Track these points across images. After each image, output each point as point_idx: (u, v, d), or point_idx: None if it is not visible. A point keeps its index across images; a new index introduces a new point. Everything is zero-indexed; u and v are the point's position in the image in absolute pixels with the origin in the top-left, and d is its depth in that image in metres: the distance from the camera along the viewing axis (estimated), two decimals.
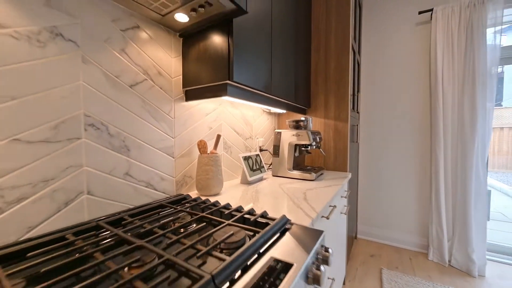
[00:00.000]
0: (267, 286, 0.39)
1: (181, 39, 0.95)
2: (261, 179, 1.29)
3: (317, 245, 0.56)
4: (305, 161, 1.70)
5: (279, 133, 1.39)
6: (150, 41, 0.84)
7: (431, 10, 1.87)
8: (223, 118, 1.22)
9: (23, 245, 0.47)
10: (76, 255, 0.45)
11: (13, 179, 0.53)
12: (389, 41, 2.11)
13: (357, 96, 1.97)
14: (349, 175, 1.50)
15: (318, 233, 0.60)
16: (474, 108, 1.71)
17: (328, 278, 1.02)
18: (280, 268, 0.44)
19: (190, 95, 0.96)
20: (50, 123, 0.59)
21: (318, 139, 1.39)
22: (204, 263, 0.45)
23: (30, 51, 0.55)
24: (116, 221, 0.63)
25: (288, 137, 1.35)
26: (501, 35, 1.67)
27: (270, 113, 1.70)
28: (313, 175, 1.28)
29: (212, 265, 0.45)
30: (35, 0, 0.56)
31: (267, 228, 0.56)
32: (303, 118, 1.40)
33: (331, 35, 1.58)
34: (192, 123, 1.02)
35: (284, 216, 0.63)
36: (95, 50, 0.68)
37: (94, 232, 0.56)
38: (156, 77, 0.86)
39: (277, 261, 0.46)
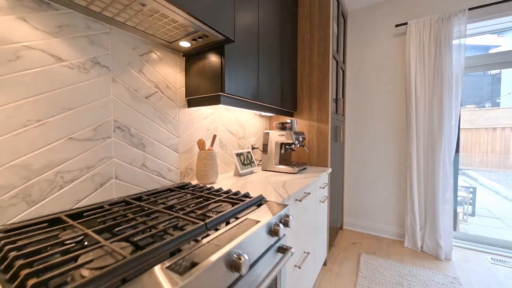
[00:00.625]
0: (243, 235, 0.62)
1: (184, 58, 1.18)
2: (251, 172, 1.52)
3: (282, 212, 0.79)
4: (292, 158, 1.93)
5: (267, 133, 1.62)
6: (160, 61, 1.07)
7: (406, 23, 2.09)
8: (219, 121, 1.45)
9: (79, 210, 0.71)
10: (119, 213, 0.69)
11: (68, 166, 0.77)
12: (370, 50, 2.34)
13: (341, 100, 2.19)
14: (329, 170, 1.73)
15: (284, 206, 0.83)
16: (441, 111, 1.93)
17: (306, 254, 1.26)
18: (251, 224, 0.67)
19: (191, 103, 1.20)
20: (92, 126, 0.82)
21: (301, 138, 1.62)
22: (200, 219, 0.69)
23: (79, 76, 0.79)
24: (137, 198, 0.87)
25: (275, 137, 1.59)
26: (465, 46, 1.89)
27: (261, 116, 1.93)
28: (296, 169, 1.51)
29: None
30: (83, 40, 0.79)
31: (246, 201, 0.79)
32: (288, 121, 1.63)
33: (314, 48, 1.81)
34: (193, 125, 1.25)
35: (260, 195, 0.87)
36: (121, 72, 0.91)
37: (123, 204, 0.80)
38: (164, 89, 1.09)
39: (249, 219, 0.69)
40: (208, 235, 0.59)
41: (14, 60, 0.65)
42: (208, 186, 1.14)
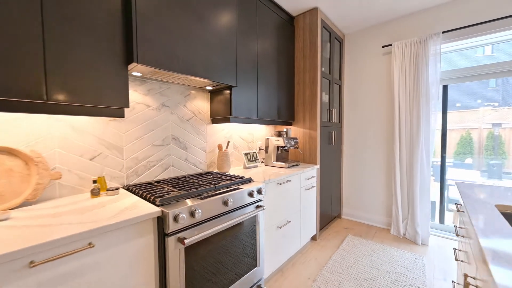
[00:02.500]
0: (232, 191, 1.29)
1: (209, 93, 1.90)
2: (255, 166, 2.17)
3: (259, 186, 1.43)
4: (290, 157, 2.52)
5: (268, 139, 2.25)
6: (195, 97, 1.80)
7: (391, 44, 2.49)
8: (233, 131, 2.13)
9: (157, 180, 1.46)
10: (176, 182, 1.42)
11: (151, 158, 1.53)
12: (363, 66, 2.77)
13: (333, 110, 2.69)
14: (317, 166, 2.28)
15: (261, 183, 1.47)
16: (419, 117, 2.30)
17: (288, 221, 1.86)
18: (238, 189, 1.34)
19: (213, 121, 1.90)
20: (161, 138, 1.58)
21: (293, 142, 2.21)
22: (213, 185, 1.37)
23: (156, 113, 1.55)
24: (183, 176, 1.59)
25: (273, 141, 2.20)
26: (440, 63, 2.23)
27: (266, 125, 2.56)
28: (287, 164, 2.11)
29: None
30: (157, 94, 1.55)
31: (239, 180, 1.45)
32: (284, 130, 2.24)
33: (306, 73, 2.37)
34: (215, 135, 1.96)
35: (250, 178, 1.52)
36: (174, 107, 1.66)
37: (177, 179, 1.53)
38: (198, 114, 1.82)
39: (239, 188, 1.36)
40: (216, 191, 1.27)
41: (132, 109, 1.43)
42: (223, 172, 1.83)
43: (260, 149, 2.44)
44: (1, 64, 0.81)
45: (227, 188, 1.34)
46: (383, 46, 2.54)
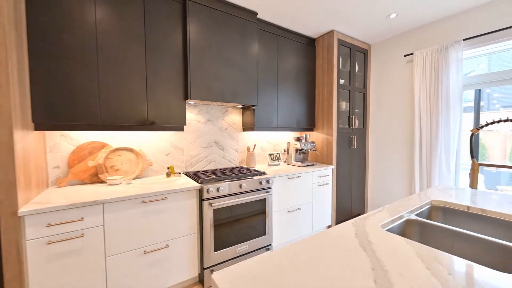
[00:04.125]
0: (247, 179, 1.92)
1: (241, 109, 2.57)
2: (277, 165, 2.72)
3: (267, 177, 2.01)
4: (310, 158, 2.94)
5: (289, 142, 2.76)
6: (231, 112, 2.50)
7: (412, 53, 2.60)
8: (261, 137, 2.75)
9: (205, 170, 2.23)
10: (217, 172, 2.15)
11: (200, 156, 2.31)
12: (387, 75, 2.91)
13: (353, 117, 2.94)
14: (332, 167, 2.65)
15: (271, 175, 2.04)
16: (437, 122, 2.36)
17: (298, 208, 2.36)
18: (253, 178, 1.96)
19: (244, 130, 2.57)
20: (207, 142, 2.35)
21: (309, 145, 2.65)
22: (239, 174, 2.02)
23: (203, 125, 2.32)
24: (221, 169, 2.32)
25: (293, 144, 2.70)
26: (462, 69, 2.25)
27: (291, 131, 3.06)
28: (303, 164, 2.58)
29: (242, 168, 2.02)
30: (205, 113, 2.33)
31: (256, 172, 2.07)
32: (303, 135, 2.71)
33: (324, 87, 2.76)
34: (244, 140, 2.62)
35: (264, 171, 2.11)
36: (216, 121, 2.40)
37: (216, 170, 2.27)
38: (232, 124, 2.52)
39: (254, 177, 1.98)
40: (237, 179, 1.92)
41: (189, 124, 2.23)
42: (249, 167, 2.48)
43: (284, 151, 2.97)
44: (129, 105, 1.67)
45: (245, 177, 1.97)
46: (405, 55, 2.66)
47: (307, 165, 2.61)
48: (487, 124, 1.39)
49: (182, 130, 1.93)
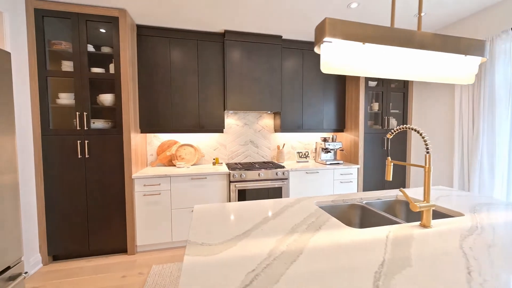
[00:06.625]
0: (266, 170, 2.48)
1: (272, 114, 3.11)
2: (305, 161, 3.10)
3: (287, 170, 2.50)
4: (338, 157, 3.13)
5: (317, 142, 3.08)
6: (264, 117, 3.09)
7: None
8: (291, 137, 3.20)
9: (237, 164, 2.93)
10: (252, 164, 2.81)
11: (238, 152, 3.03)
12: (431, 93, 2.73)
13: (386, 118, 2.91)
14: (357, 166, 2.80)
15: (288, 169, 2.52)
16: (478, 124, 2.14)
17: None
18: (274, 170, 2.50)
19: (275, 131, 3.10)
20: (244, 141, 3.04)
21: (334, 145, 2.90)
22: (271, 166, 2.60)
23: (241, 128, 3.02)
24: (256, 162, 2.95)
25: (319, 144, 3.01)
26: (510, 67, 1.97)
27: (322, 132, 3.33)
28: (327, 162, 2.86)
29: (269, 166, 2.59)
30: (242, 119, 3.02)
31: (279, 165, 2.59)
32: (330, 136, 2.98)
33: (353, 91, 2.91)
34: (276, 139, 3.15)
35: (283, 165, 2.61)
36: (251, 124, 3.05)
37: (249, 163, 2.92)
38: (265, 127, 3.10)
39: (277, 168, 2.52)
40: (258, 169, 2.52)
41: (230, 128, 2.99)
42: (278, 163, 2.99)
43: (314, 150, 3.29)
44: (188, 116, 2.56)
45: (264, 168, 2.53)
46: None
47: (330, 163, 2.88)
48: None
49: (222, 132, 2.69)
